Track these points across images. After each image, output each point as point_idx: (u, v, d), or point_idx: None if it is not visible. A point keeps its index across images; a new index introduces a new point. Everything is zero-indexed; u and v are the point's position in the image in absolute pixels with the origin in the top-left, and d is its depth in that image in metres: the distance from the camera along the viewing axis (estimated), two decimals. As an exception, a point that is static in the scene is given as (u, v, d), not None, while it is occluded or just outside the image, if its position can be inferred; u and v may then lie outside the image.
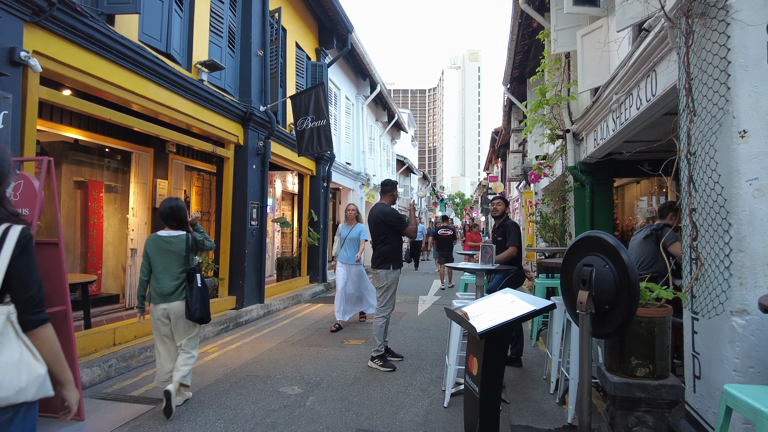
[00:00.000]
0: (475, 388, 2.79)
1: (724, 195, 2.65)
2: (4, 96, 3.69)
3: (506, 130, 16.82)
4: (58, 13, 4.15)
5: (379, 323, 4.94)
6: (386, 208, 5.12)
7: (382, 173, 19.81)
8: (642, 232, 4.47)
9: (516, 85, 12.01)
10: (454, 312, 3.03)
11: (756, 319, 2.51)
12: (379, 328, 4.94)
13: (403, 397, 4.11)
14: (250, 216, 7.69)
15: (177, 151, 7.88)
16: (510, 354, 4.89)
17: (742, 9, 2.57)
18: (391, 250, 4.96)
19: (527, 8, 7.41)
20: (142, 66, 5.32)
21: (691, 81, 2.98)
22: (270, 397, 4.07)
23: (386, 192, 5.27)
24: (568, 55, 7.10)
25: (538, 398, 4.04)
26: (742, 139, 2.56)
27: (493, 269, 4.51)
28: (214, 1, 7.15)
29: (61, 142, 6.44)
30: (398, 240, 5.06)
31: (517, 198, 17.19)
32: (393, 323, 7.18)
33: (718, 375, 2.68)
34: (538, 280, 6.12)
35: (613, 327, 2.42)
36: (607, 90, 5.21)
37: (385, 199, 5.25)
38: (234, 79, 7.77)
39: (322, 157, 11.24)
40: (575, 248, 2.64)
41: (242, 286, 7.49)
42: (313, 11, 10.77)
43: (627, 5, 4.07)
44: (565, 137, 7.25)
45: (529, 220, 11.57)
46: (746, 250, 2.54)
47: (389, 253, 4.95)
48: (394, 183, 5.34)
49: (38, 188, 3.11)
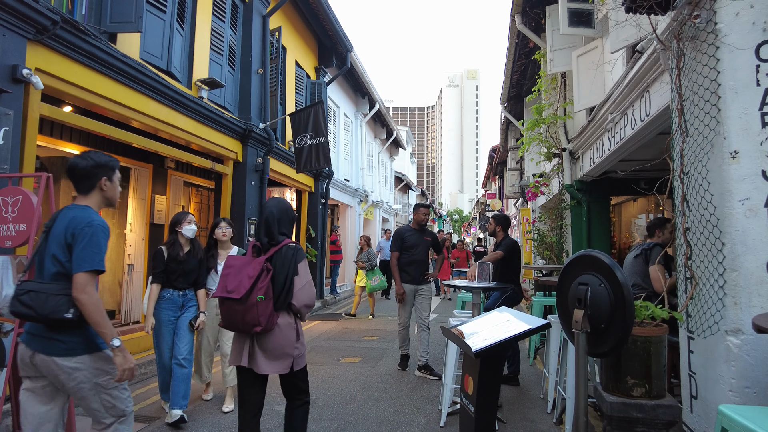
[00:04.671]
0: (471, 407, 2.77)
1: (717, 214, 2.68)
2: (5, 112, 3.73)
3: (503, 148, 16.94)
4: (61, 32, 4.21)
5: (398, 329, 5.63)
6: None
7: (380, 190, 19.88)
8: (634, 251, 4.45)
9: (513, 103, 12.14)
10: (449, 330, 3.03)
11: (751, 338, 2.51)
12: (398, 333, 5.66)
13: (399, 416, 4.07)
14: (247, 232, 7.69)
15: (176, 167, 7.91)
16: (506, 373, 4.86)
17: (731, 33, 2.63)
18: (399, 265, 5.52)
19: (524, 29, 7.54)
20: (143, 83, 5.38)
21: (684, 102, 3.03)
22: (265, 416, 4.02)
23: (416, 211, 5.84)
24: (564, 74, 7.20)
25: (535, 418, 4.01)
26: (734, 160, 2.60)
27: (490, 287, 4.51)
28: (215, 19, 7.27)
29: (61, 158, 6.46)
30: (404, 255, 5.52)
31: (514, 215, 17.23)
32: (390, 341, 7.14)
33: (714, 395, 2.67)
34: (535, 298, 6.10)
35: (608, 346, 2.42)
36: (602, 110, 5.28)
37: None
38: (234, 97, 7.85)
39: (320, 174, 11.29)
40: (571, 267, 2.65)
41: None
42: (313, 30, 10.93)
43: (620, 28, 4.16)
44: (561, 156, 7.31)
45: (527, 238, 11.59)
46: (740, 269, 2.55)
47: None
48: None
49: (36, 204, 3.12)
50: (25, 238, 3.09)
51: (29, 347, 2.11)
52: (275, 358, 2.57)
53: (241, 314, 2.45)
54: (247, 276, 2.49)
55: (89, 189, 2.28)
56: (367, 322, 9.08)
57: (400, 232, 5.63)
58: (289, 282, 2.57)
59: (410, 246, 5.49)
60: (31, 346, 2.11)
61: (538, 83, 7.48)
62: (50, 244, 2.17)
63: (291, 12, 9.84)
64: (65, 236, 2.13)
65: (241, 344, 2.62)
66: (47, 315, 2.04)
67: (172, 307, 3.95)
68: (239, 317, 2.47)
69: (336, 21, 10.50)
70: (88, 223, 2.14)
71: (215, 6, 7.26)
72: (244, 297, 2.44)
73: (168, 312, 3.94)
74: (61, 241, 2.13)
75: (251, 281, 2.46)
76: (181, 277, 3.97)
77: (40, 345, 2.09)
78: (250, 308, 2.44)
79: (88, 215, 2.18)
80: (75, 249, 2.09)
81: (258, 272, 2.49)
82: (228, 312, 2.52)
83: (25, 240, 3.09)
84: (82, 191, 2.29)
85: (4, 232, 3.12)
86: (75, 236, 2.11)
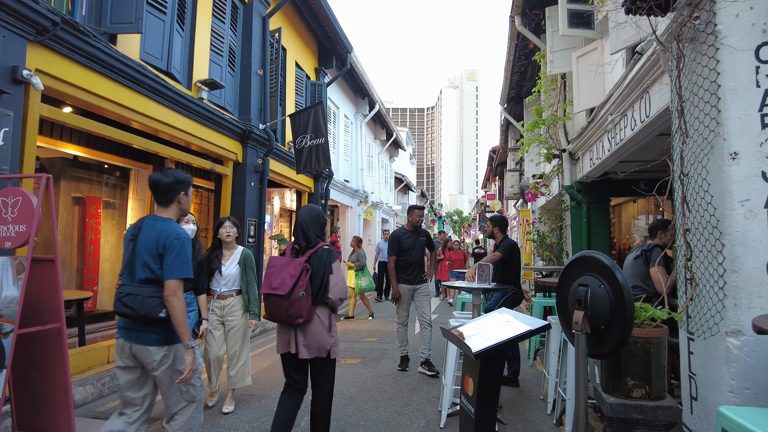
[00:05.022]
0: (471, 408, 2.77)
1: (717, 216, 2.68)
2: (5, 113, 3.73)
3: (503, 149, 16.95)
4: (62, 33, 4.22)
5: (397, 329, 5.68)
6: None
7: (380, 191, 19.88)
8: (633, 252, 4.47)
9: (513, 104, 12.15)
10: (449, 332, 3.02)
11: (751, 339, 2.51)
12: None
13: (399, 417, 4.07)
14: (247, 233, 7.69)
15: (176, 167, 7.91)
16: (506, 374, 4.86)
17: (731, 34, 2.63)
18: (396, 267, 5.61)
19: (524, 30, 7.54)
20: (143, 84, 5.38)
21: (683, 103, 3.03)
22: (264, 417, 4.03)
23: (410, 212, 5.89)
24: (564, 76, 7.20)
25: (535, 419, 4.01)
26: (734, 161, 2.60)
27: (490, 288, 4.51)
28: (215, 20, 7.27)
29: (61, 158, 6.47)
30: (401, 258, 5.60)
31: (514, 216, 17.22)
32: (389, 342, 7.14)
33: (714, 396, 2.67)
34: (535, 299, 6.10)
35: (608, 347, 2.42)
36: (602, 111, 5.28)
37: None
38: (234, 98, 7.85)
39: (320, 175, 11.30)
40: (571, 268, 2.64)
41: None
42: (313, 31, 10.93)
43: (620, 29, 4.16)
44: (561, 157, 7.31)
45: (527, 239, 11.58)
46: (740, 270, 2.55)
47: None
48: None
49: (36, 205, 3.12)
50: (24, 239, 3.08)
51: (127, 340, 2.51)
52: (315, 345, 2.94)
53: (285, 308, 2.82)
54: (289, 275, 2.85)
55: (169, 202, 2.64)
56: (366, 323, 9.08)
57: (396, 236, 5.69)
58: (325, 280, 2.93)
59: (407, 249, 5.58)
60: (129, 339, 2.50)
61: (538, 84, 7.48)
62: (140, 252, 2.50)
63: (291, 13, 9.84)
64: (156, 247, 2.47)
65: (286, 335, 2.99)
66: (145, 314, 2.41)
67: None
68: (283, 311, 2.83)
69: (336, 22, 10.51)
70: (176, 236, 2.49)
71: (215, 7, 7.26)
72: (288, 293, 2.81)
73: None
74: (153, 251, 2.47)
75: (293, 279, 2.83)
76: None
77: (135, 337, 2.49)
78: (293, 303, 2.81)
79: (174, 228, 2.53)
80: (166, 259, 2.46)
81: (299, 272, 2.85)
82: (273, 306, 2.87)
83: (24, 241, 3.09)
84: (162, 204, 2.63)
85: (3, 233, 3.12)
86: (166, 247, 2.46)
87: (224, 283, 4.22)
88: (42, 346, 3.20)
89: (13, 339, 2.91)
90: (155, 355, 2.48)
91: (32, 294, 3.12)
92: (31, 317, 3.09)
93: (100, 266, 7.09)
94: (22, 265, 3.08)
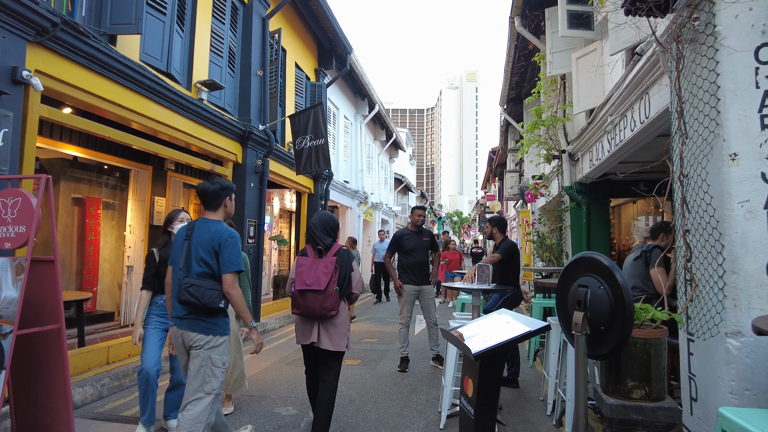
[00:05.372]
0: (471, 409, 2.77)
1: (716, 216, 2.68)
2: (5, 114, 3.72)
3: (503, 150, 16.95)
4: (61, 34, 4.22)
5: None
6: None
7: (380, 191, 19.88)
8: (633, 253, 4.47)
9: (513, 105, 12.15)
10: (449, 333, 3.02)
11: (751, 341, 2.51)
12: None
13: (398, 418, 4.06)
14: (247, 234, 7.69)
15: (175, 168, 7.91)
16: (506, 375, 4.85)
17: (730, 36, 2.64)
18: (400, 267, 5.72)
19: (523, 31, 7.55)
20: (143, 85, 5.38)
21: (683, 104, 3.03)
22: (264, 418, 4.02)
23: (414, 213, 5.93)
24: (564, 77, 7.21)
25: (535, 420, 4.00)
26: (733, 162, 2.60)
27: (489, 289, 4.51)
28: (215, 21, 7.27)
29: (60, 159, 6.46)
30: (404, 258, 5.70)
31: (514, 217, 17.23)
32: (389, 343, 7.13)
33: (714, 397, 2.67)
34: (535, 300, 6.10)
35: (608, 348, 2.42)
36: (601, 112, 5.29)
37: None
38: (234, 99, 7.85)
39: (320, 176, 11.30)
40: (570, 269, 2.64)
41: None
42: (312, 32, 10.94)
43: (620, 30, 4.16)
44: (561, 157, 7.32)
45: (526, 240, 11.59)
46: (739, 271, 2.55)
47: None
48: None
49: (36, 206, 3.12)
50: (24, 239, 3.08)
51: (180, 327, 2.77)
52: (337, 336, 3.25)
53: (321, 302, 3.12)
54: (323, 272, 3.16)
55: (217, 206, 2.93)
56: (366, 324, 9.07)
57: (397, 236, 5.83)
58: (348, 276, 3.28)
59: (409, 249, 5.67)
60: (181, 327, 2.76)
61: (538, 85, 7.49)
62: (195, 249, 2.77)
63: (291, 14, 9.85)
64: (211, 245, 2.75)
65: (309, 327, 3.25)
66: (207, 304, 2.69)
67: (164, 315, 3.59)
68: (319, 304, 3.13)
69: (336, 23, 10.51)
70: (229, 234, 2.79)
71: (215, 8, 7.26)
72: (325, 288, 3.12)
73: (159, 320, 3.59)
74: (208, 248, 2.75)
75: (328, 276, 3.14)
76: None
77: (187, 324, 2.75)
78: (329, 297, 3.14)
79: (226, 228, 2.83)
80: (222, 255, 2.74)
81: (332, 269, 3.17)
82: (309, 301, 3.16)
83: (24, 242, 3.08)
84: (211, 208, 2.92)
85: (3, 233, 3.11)
86: (221, 245, 2.75)
87: None
88: (41, 347, 3.19)
89: (12, 340, 2.90)
90: (201, 341, 2.74)
91: (32, 295, 3.12)
92: (31, 318, 3.09)
93: (100, 267, 7.08)
94: (21, 265, 3.08)
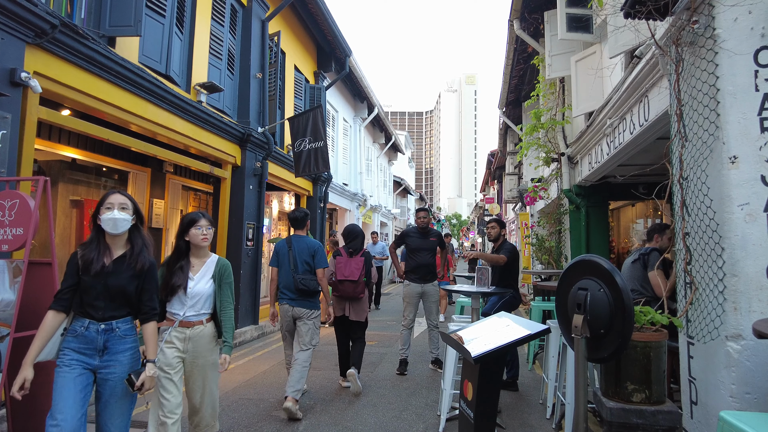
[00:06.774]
0: (470, 413, 2.75)
1: (716, 219, 2.67)
2: (3, 116, 3.71)
3: (502, 153, 16.97)
4: (60, 36, 4.21)
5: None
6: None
7: (379, 194, 19.87)
8: (631, 256, 4.45)
9: (511, 108, 12.17)
10: (449, 336, 3.01)
11: (751, 344, 2.50)
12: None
13: (397, 422, 4.05)
14: (246, 236, 7.67)
15: (174, 171, 7.90)
16: (506, 378, 4.84)
17: (730, 39, 2.64)
18: (405, 267, 5.95)
19: (522, 34, 7.56)
20: (142, 87, 5.38)
21: (682, 107, 3.03)
22: (262, 422, 4.01)
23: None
24: (563, 79, 7.22)
25: (535, 423, 3.99)
26: (733, 165, 2.59)
27: (488, 292, 4.51)
28: (215, 24, 7.27)
29: (59, 161, 6.45)
30: (409, 258, 5.86)
31: (513, 220, 17.23)
32: (388, 346, 7.12)
33: (714, 401, 2.66)
34: (534, 303, 6.09)
35: (608, 351, 2.41)
36: (600, 114, 5.29)
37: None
38: (233, 101, 7.84)
39: (319, 178, 11.29)
40: (570, 272, 2.64)
41: (236, 307, 7.42)
42: (312, 35, 10.95)
43: (619, 33, 4.17)
44: (560, 160, 7.32)
45: (526, 242, 11.58)
46: (740, 274, 2.54)
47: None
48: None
49: (33, 208, 3.10)
50: (22, 242, 3.07)
51: (291, 305, 4.33)
52: (361, 311, 4.86)
53: (354, 287, 4.75)
54: (356, 267, 4.80)
55: (303, 226, 4.60)
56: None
57: (405, 231, 5.98)
58: (369, 271, 4.94)
59: (414, 249, 5.73)
60: (293, 305, 4.33)
61: (537, 88, 7.49)
62: (300, 254, 4.39)
63: (290, 17, 9.86)
64: (309, 252, 4.41)
65: (342, 305, 4.85)
66: (313, 290, 4.35)
67: (85, 349, 2.41)
68: (352, 289, 4.75)
69: (335, 26, 10.52)
70: (318, 245, 4.47)
71: (214, 10, 7.26)
72: (359, 279, 4.77)
73: (79, 357, 2.40)
74: (306, 254, 4.40)
75: (359, 270, 4.79)
76: (103, 300, 2.43)
77: (298, 303, 4.33)
78: (359, 284, 4.78)
79: (314, 240, 4.56)
80: (316, 257, 4.40)
81: (362, 266, 4.83)
82: (346, 288, 4.77)
83: (22, 244, 3.07)
84: (299, 228, 4.59)
85: (1, 236, 3.10)
86: (316, 251, 4.42)
87: (191, 305, 2.92)
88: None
89: (9, 343, 2.89)
90: (307, 313, 4.32)
91: (29, 298, 3.10)
92: (28, 321, 3.07)
93: (98, 269, 7.05)
94: (19, 268, 3.07)
